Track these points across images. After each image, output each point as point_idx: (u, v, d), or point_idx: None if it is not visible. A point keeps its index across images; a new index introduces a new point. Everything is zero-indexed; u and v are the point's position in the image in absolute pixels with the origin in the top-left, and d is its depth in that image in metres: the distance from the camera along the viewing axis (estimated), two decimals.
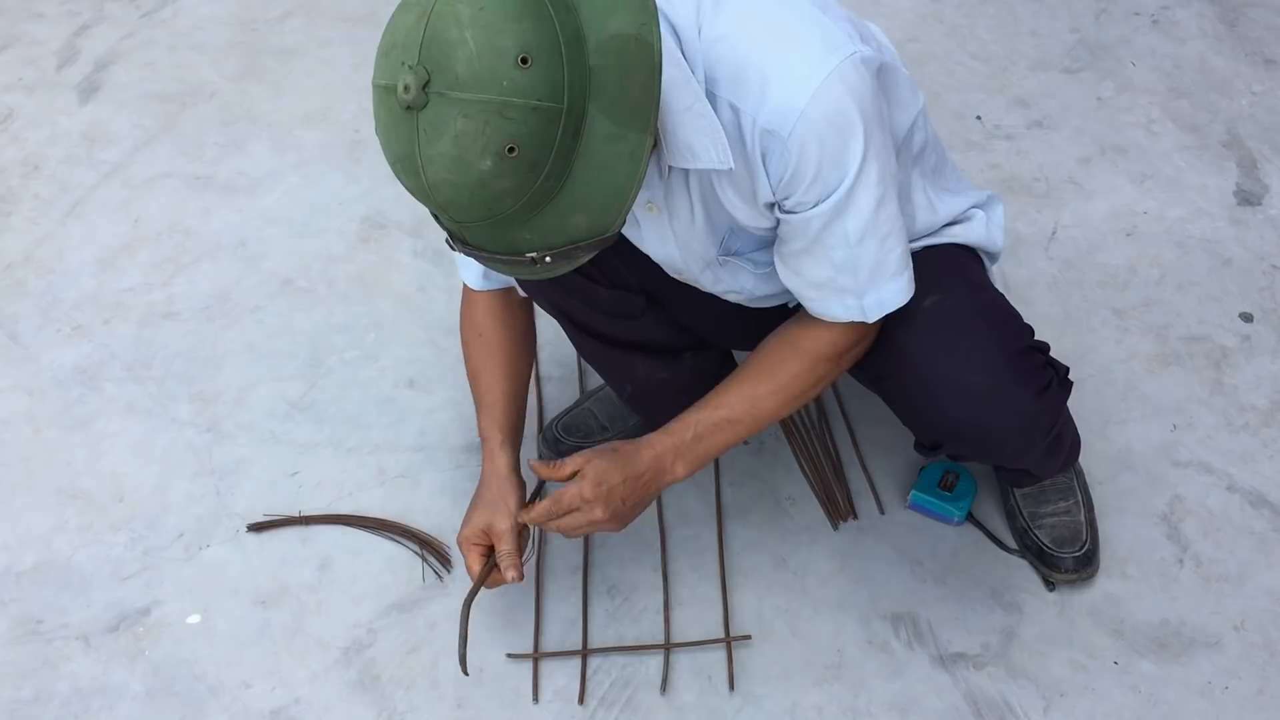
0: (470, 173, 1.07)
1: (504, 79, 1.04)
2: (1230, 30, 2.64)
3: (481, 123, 1.05)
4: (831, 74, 1.20)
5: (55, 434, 1.91)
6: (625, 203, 1.14)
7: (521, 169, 1.08)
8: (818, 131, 1.21)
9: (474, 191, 1.09)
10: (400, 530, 1.75)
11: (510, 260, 1.17)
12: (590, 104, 1.09)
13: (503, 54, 1.04)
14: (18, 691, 1.60)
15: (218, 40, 2.64)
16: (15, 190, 2.31)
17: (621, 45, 1.09)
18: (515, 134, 1.06)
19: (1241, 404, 1.91)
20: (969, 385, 1.39)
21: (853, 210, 1.27)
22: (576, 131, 1.09)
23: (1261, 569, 1.71)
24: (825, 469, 1.83)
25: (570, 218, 1.14)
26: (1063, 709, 1.57)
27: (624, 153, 1.11)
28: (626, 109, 1.10)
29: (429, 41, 1.04)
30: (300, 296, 2.11)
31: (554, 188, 1.11)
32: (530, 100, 1.05)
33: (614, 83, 1.09)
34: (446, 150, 1.06)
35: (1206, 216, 2.22)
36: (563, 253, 1.16)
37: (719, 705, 1.58)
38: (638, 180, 1.13)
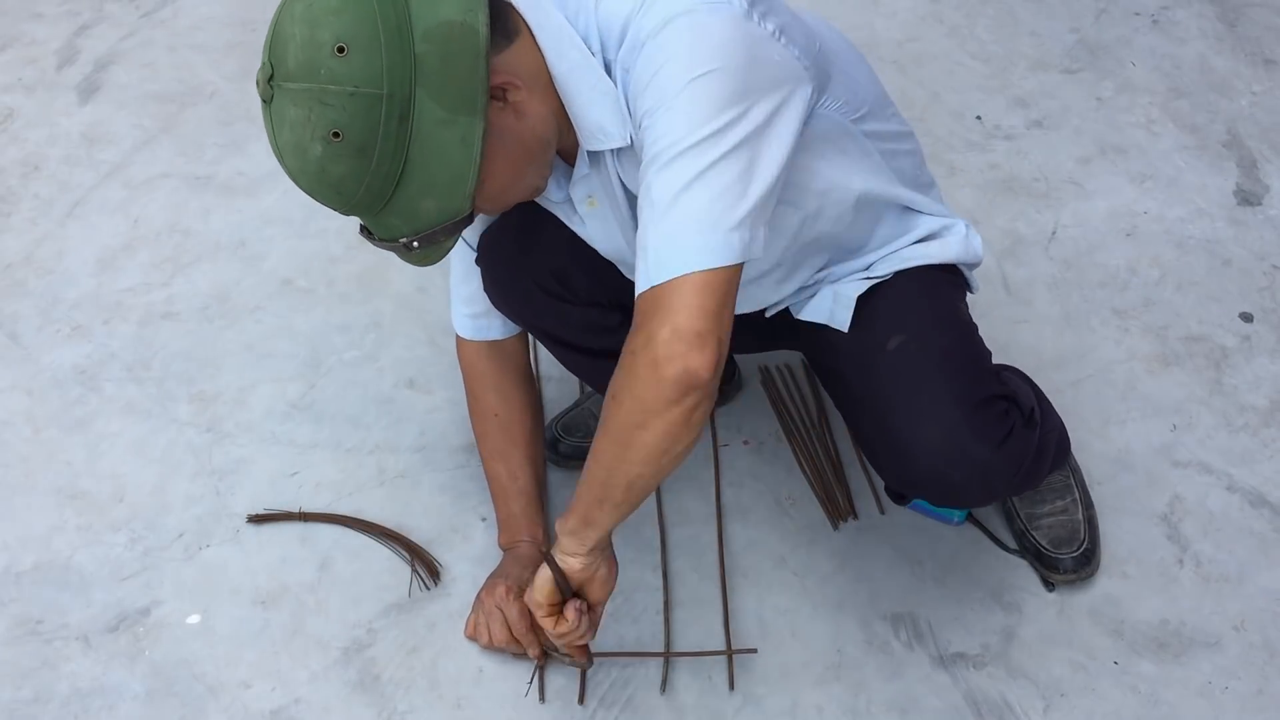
0: (308, 158, 1.15)
1: (322, 67, 1.11)
2: (1230, 30, 2.64)
3: (307, 110, 1.13)
4: (692, 8, 1.18)
5: (55, 434, 1.91)
6: (467, 185, 1.18)
7: (349, 153, 1.14)
8: (655, 47, 1.18)
9: (317, 178, 1.17)
10: (394, 538, 1.75)
11: (390, 245, 1.24)
12: (418, 89, 1.14)
13: (321, 45, 1.11)
14: (18, 691, 1.60)
15: (218, 40, 2.64)
16: (15, 190, 2.31)
17: (446, 31, 1.14)
18: (336, 119, 1.12)
19: (1241, 404, 1.91)
20: (926, 441, 1.38)
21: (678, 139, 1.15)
22: (404, 116, 1.14)
23: (1261, 569, 1.71)
24: (825, 469, 1.83)
25: (420, 202, 1.19)
26: (1063, 709, 1.57)
27: (455, 138, 1.16)
28: (453, 93, 1.15)
29: (274, 38, 1.14)
30: (300, 296, 2.11)
31: (393, 172, 1.16)
32: (346, 87, 1.12)
33: (439, 68, 1.14)
34: (288, 138, 1.15)
35: (1206, 216, 2.23)
36: (426, 236, 1.22)
37: (719, 705, 1.58)
38: (473, 162, 1.17)
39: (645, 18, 1.20)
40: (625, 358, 1.20)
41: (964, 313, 1.54)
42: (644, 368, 1.16)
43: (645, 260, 1.17)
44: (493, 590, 1.58)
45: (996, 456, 1.40)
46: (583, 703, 1.58)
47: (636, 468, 1.23)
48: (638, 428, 1.19)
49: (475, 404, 1.70)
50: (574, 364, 1.71)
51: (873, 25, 2.67)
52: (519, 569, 1.59)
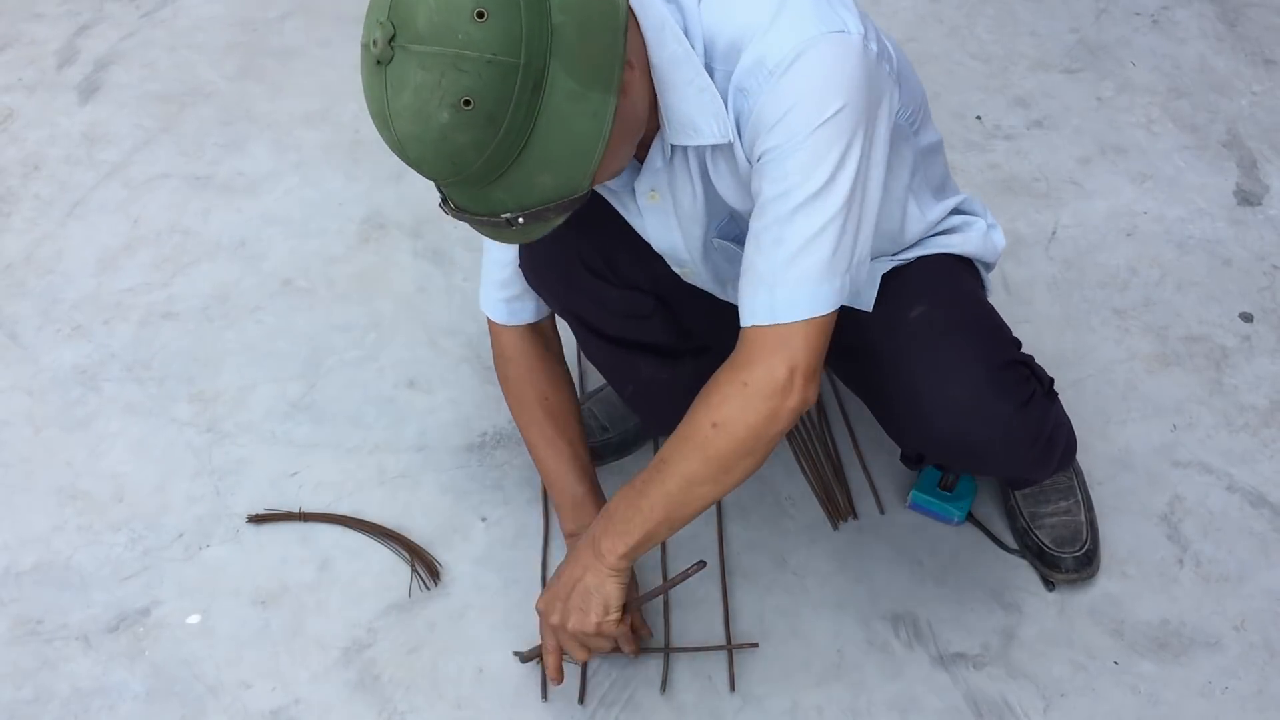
0: (431, 125, 1.09)
1: (459, 32, 1.06)
2: (1230, 30, 2.64)
3: (438, 74, 1.07)
4: (816, 40, 1.18)
5: (55, 434, 1.91)
6: (591, 163, 1.14)
7: (479, 122, 1.09)
8: (783, 90, 1.18)
9: (436, 145, 1.11)
10: (394, 538, 1.75)
11: (489, 221, 1.19)
12: (552, 60, 1.09)
13: (459, 8, 1.06)
14: (18, 691, 1.60)
15: (218, 40, 2.64)
16: (15, 190, 2.31)
17: (586, 3, 1.10)
18: (470, 87, 1.07)
19: (1241, 404, 1.91)
20: (950, 398, 1.39)
21: (806, 182, 1.20)
22: (536, 87, 1.09)
23: (1261, 569, 1.71)
24: (825, 469, 1.83)
25: (537, 177, 1.14)
26: (1063, 709, 1.57)
27: (587, 111, 1.12)
28: (589, 67, 1.11)
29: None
30: (300, 296, 2.11)
31: (516, 144, 1.11)
32: (484, 54, 1.06)
33: (576, 40, 1.10)
34: (408, 103, 1.09)
35: (1206, 216, 2.23)
36: (535, 213, 1.17)
37: (719, 705, 1.58)
38: (602, 139, 1.13)
39: (771, 44, 1.18)
40: (736, 388, 1.27)
41: (983, 296, 1.56)
42: (764, 401, 1.26)
43: (771, 296, 1.24)
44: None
45: (1018, 416, 1.42)
46: (583, 702, 1.58)
47: (719, 492, 1.36)
48: (745, 456, 1.31)
49: (518, 389, 1.63)
50: (597, 352, 1.69)
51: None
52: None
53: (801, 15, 1.20)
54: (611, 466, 1.84)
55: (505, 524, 1.78)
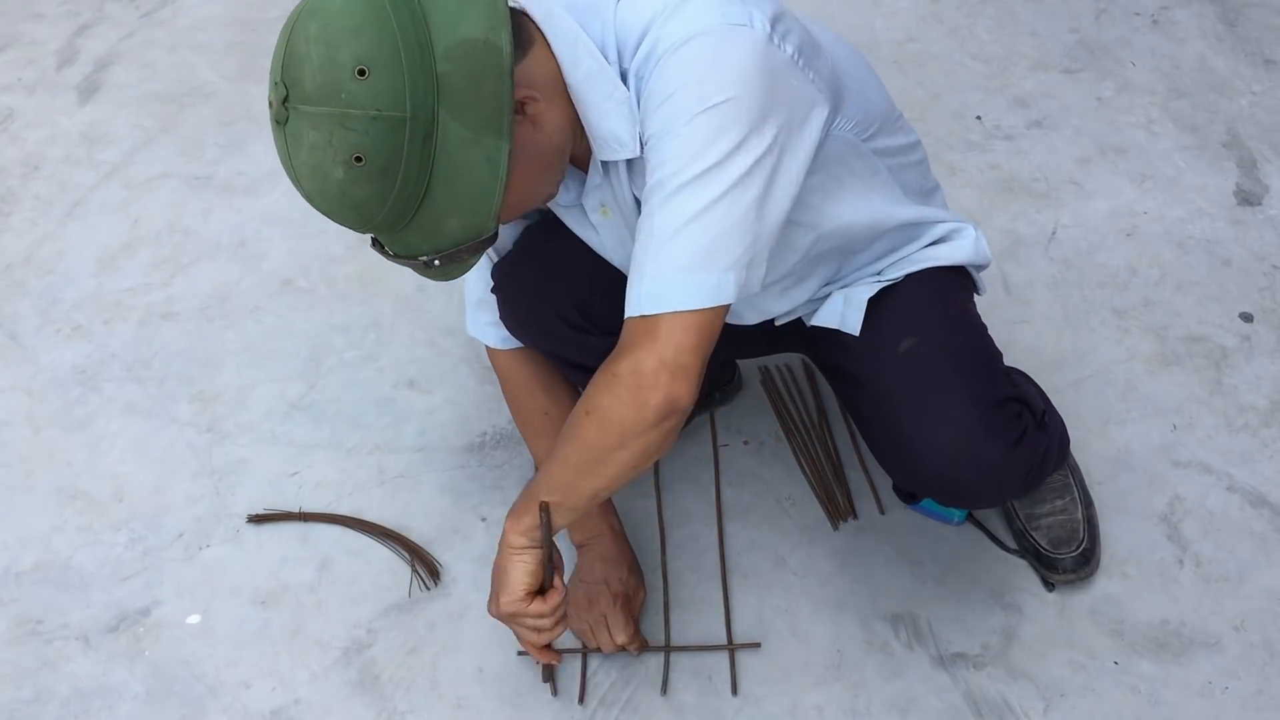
0: (329, 181, 1.12)
1: (343, 90, 1.08)
2: (1230, 30, 2.64)
3: (327, 134, 1.09)
4: (711, 29, 1.16)
5: (55, 434, 1.91)
6: (492, 205, 1.16)
7: (373, 176, 1.11)
8: (672, 68, 1.17)
9: (338, 200, 1.13)
10: (395, 538, 1.75)
11: (410, 263, 1.21)
12: (440, 109, 1.11)
13: (340, 66, 1.07)
14: (18, 691, 1.60)
15: (217, 40, 2.64)
16: (15, 190, 2.31)
17: (469, 50, 1.11)
18: (359, 143, 1.09)
19: (1241, 404, 1.91)
20: (940, 441, 1.37)
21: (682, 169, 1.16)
22: (427, 137, 1.11)
23: (1261, 569, 1.71)
24: (825, 469, 1.83)
25: (445, 221, 1.16)
26: (1063, 709, 1.57)
27: (480, 157, 1.13)
28: (478, 113, 1.12)
29: (288, 58, 1.09)
30: (300, 296, 2.11)
31: (416, 193, 1.14)
32: (369, 110, 1.08)
33: (463, 88, 1.11)
34: (305, 160, 1.11)
35: (1206, 216, 2.23)
36: (449, 255, 1.19)
37: (719, 706, 1.58)
38: (500, 182, 1.14)
39: (665, 29, 1.18)
40: (607, 378, 1.23)
41: (975, 315, 1.54)
42: (628, 392, 1.21)
43: (639, 287, 1.20)
44: (596, 600, 1.57)
45: (1009, 458, 1.40)
46: (583, 702, 1.58)
47: (605, 481, 1.28)
48: (617, 448, 1.24)
49: (520, 404, 1.66)
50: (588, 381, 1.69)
51: (873, 25, 2.67)
52: (611, 569, 1.59)
53: (704, 7, 1.19)
54: None
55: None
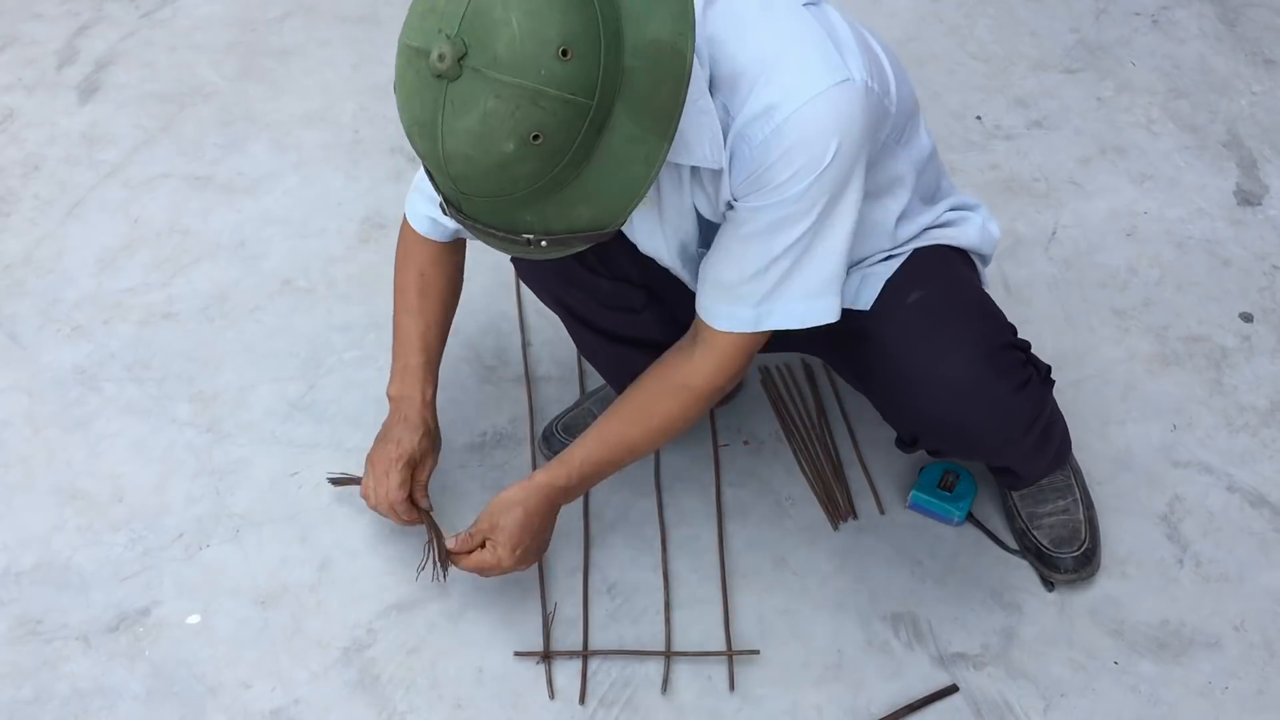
0: (492, 153, 1.08)
1: (542, 67, 1.04)
2: (1230, 30, 2.64)
3: (513, 106, 1.05)
4: (822, 94, 1.20)
5: (55, 434, 1.90)
6: (632, 203, 1.15)
7: (542, 156, 1.08)
8: (787, 145, 1.21)
9: (490, 170, 1.10)
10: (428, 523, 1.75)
11: (505, 237, 1.18)
12: (618, 102, 1.09)
13: (545, 42, 1.04)
14: (18, 691, 1.60)
15: (217, 40, 2.63)
16: (15, 190, 2.31)
17: (657, 51, 1.09)
18: (543, 123, 1.06)
19: (1241, 404, 1.91)
20: (947, 378, 1.40)
21: (790, 230, 1.28)
22: (601, 128, 1.10)
23: (1261, 569, 1.71)
24: (825, 469, 1.83)
25: (576, 207, 1.14)
26: (1063, 709, 1.57)
27: (640, 155, 1.12)
28: (651, 113, 1.11)
29: (472, 15, 1.04)
30: (300, 296, 2.11)
31: (568, 178, 1.12)
32: (564, 93, 1.06)
33: (644, 86, 1.10)
34: (471, 127, 1.07)
35: (1206, 216, 2.23)
36: (560, 239, 1.17)
37: (719, 706, 1.58)
38: (648, 183, 1.14)
39: (776, 95, 1.20)
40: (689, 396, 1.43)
41: (980, 285, 1.56)
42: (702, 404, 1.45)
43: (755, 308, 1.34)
44: (383, 455, 1.61)
45: (1015, 398, 1.43)
46: (583, 703, 1.58)
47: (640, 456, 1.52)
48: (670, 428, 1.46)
49: (401, 264, 1.66)
50: (592, 347, 1.71)
51: (873, 25, 2.65)
52: (408, 433, 1.61)
53: (807, 61, 1.21)
54: None
55: None
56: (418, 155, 1.15)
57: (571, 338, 1.71)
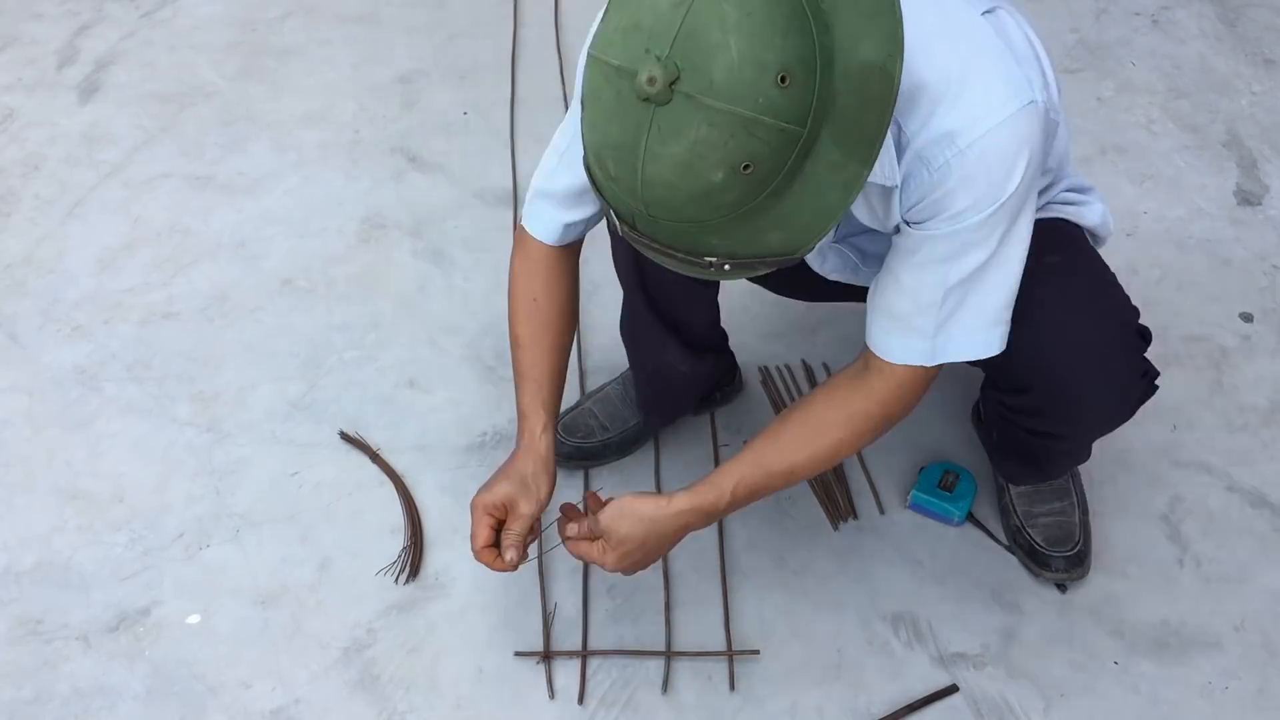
0: (698, 181, 1.03)
1: (760, 95, 0.99)
2: (1230, 30, 2.64)
3: (727, 135, 1.00)
4: (1007, 120, 1.17)
5: (55, 434, 1.91)
6: (825, 229, 1.10)
7: (749, 185, 1.04)
8: (969, 172, 1.18)
9: (693, 198, 1.05)
10: (413, 517, 1.76)
11: (684, 259, 1.12)
12: (825, 127, 1.04)
13: (765, 68, 0.99)
14: (18, 691, 1.60)
15: (218, 40, 2.64)
16: (15, 190, 2.31)
17: (867, 75, 1.04)
18: (756, 152, 1.01)
19: (1241, 404, 1.91)
20: (1082, 340, 1.37)
21: (966, 259, 1.25)
22: (807, 155, 1.05)
23: (1261, 569, 1.71)
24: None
25: (768, 233, 1.09)
26: (1063, 709, 1.57)
27: (840, 182, 1.07)
28: (856, 139, 1.06)
29: (686, 36, 0.99)
30: (300, 296, 2.11)
31: (768, 204, 1.07)
32: (780, 121, 1.01)
33: (852, 111, 1.04)
34: (679, 154, 1.02)
35: (1206, 216, 2.23)
36: (745, 263, 1.12)
37: (719, 705, 1.58)
38: (843, 210, 1.09)
39: (961, 118, 1.17)
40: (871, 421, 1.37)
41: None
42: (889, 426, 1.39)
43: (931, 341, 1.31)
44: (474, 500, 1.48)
45: (1133, 381, 1.44)
46: (582, 703, 1.58)
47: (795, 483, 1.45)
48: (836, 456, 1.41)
49: (515, 289, 1.56)
50: (636, 322, 1.67)
51: None
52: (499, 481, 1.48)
53: (991, 83, 1.18)
54: (612, 466, 1.84)
55: None
56: (598, 175, 1.10)
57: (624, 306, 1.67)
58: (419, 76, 2.52)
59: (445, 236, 2.20)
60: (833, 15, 1.03)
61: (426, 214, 2.24)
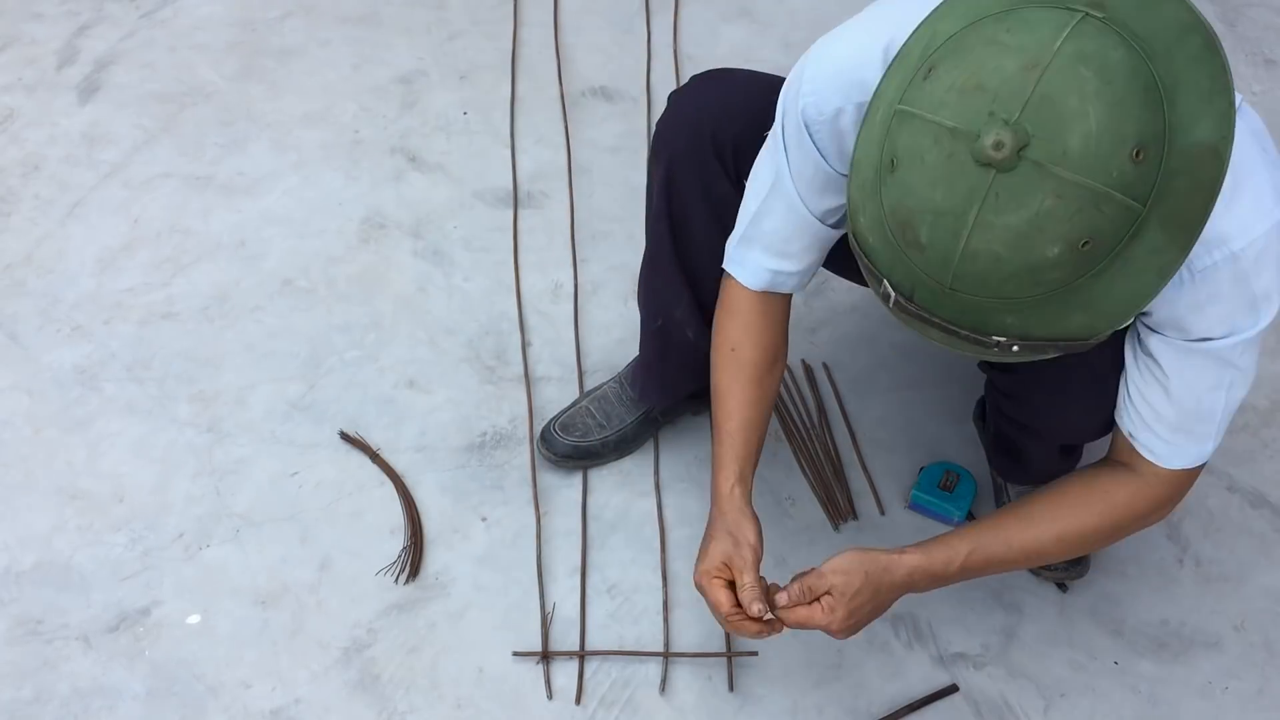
0: (1030, 255, 0.97)
1: (1114, 169, 0.94)
2: (1230, 30, 2.64)
3: (1074, 209, 0.95)
4: (1275, 226, 1.14)
5: (55, 434, 1.91)
6: (1130, 315, 1.05)
7: (1081, 263, 0.98)
8: (1242, 276, 1.15)
9: (1018, 273, 0.98)
10: (413, 518, 1.76)
11: (968, 336, 1.05)
12: (1155, 210, 0.98)
13: (1123, 140, 0.94)
14: (18, 691, 1.60)
15: (218, 40, 2.63)
16: (15, 190, 2.31)
17: (1200, 156, 0.99)
18: (1099, 229, 0.96)
19: (1241, 404, 1.91)
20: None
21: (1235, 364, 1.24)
22: (1135, 236, 0.99)
23: (1261, 569, 1.71)
24: (825, 469, 1.83)
25: (1073, 315, 1.03)
26: (1063, 709, 1.57)
27: (1156, 266, 1.01)
28: (1179, 223, 1.00)
29: (1039, 101, 0.94)
30: (300, 296, 2.11)
31: (1085, 286, 1.01)
32: (1128, 197, 0.96)
33: (1181, 193, 0.99)
34: (1017, 225, 0.96)
35: None
36: (1036, 345, 1.06)
37: (719, 706, 1.58)
38: (1154, 297, 1.04)
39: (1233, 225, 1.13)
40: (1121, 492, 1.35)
41: None
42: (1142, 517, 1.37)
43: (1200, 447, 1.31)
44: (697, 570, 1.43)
45: None
46: (579, 703, 1.58)
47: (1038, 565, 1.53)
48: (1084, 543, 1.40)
49: (716, 336, 1.52)
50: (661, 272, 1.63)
51: None
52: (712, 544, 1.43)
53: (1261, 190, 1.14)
54: (611, 466, 1.84)
55: (505, 524, 1.78)
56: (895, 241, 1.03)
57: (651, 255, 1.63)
58: (419, 76, 2.52)
59: (445, 236, 2.20)
60: (1175, 91, 0.98)
61: (426, 214, 2.24)
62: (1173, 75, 0.98)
